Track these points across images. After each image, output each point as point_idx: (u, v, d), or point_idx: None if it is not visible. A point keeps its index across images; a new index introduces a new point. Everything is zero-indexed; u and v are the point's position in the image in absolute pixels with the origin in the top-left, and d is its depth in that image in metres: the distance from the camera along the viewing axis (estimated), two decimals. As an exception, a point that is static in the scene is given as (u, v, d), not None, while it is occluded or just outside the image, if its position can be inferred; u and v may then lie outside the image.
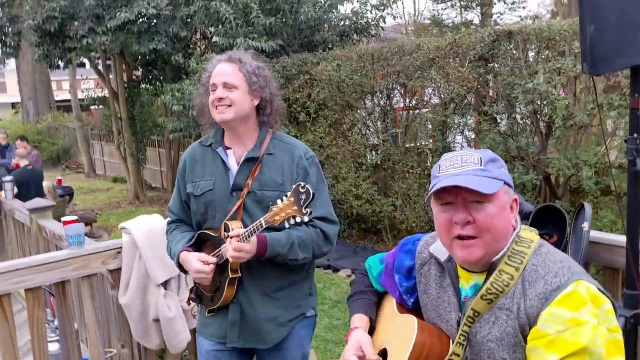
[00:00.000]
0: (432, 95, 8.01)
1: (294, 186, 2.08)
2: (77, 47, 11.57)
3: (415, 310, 1.82)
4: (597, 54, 2.07)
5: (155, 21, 11.51)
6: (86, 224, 10.37)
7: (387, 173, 8.21)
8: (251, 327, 2.43)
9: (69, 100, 21.16)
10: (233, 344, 2.46)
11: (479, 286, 1.58)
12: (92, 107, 20.13)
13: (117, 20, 10.37)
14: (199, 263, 2.33)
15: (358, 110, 8.73)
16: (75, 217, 3.45)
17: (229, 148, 2.46)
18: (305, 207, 2.03)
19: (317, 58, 8.91)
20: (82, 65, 29.28)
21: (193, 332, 3.43)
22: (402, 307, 1.86)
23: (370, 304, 1.97)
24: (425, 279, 1.77)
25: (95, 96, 16.32)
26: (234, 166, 2.43)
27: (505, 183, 1.56)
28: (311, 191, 2.04)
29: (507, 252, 1.54)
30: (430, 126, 7.76)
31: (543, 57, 6.15)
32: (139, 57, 12.63)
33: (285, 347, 2.49)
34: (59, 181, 11.93)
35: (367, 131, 8.82)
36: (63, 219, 3.26)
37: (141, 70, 14.54)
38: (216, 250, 2.37)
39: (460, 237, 1.54)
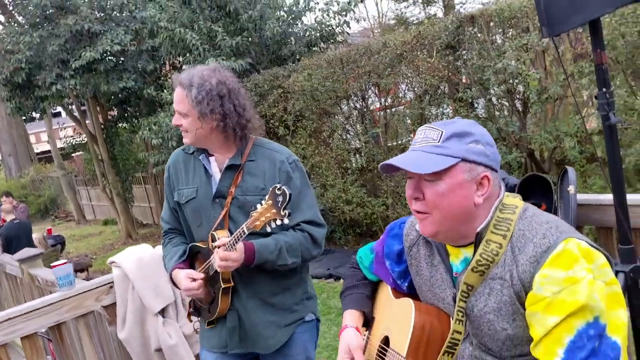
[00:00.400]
0: (406, 91, 8.03)
1: (270, 189, 2.07)
2: (47, 95, 11.53)
3: (411, 294, 1.79)
4: (552, 15, 2.06)
5: (122, 58, 11.51)
6: (82, 270, 10.27)
7: (374, 174, 8.21)
8: (250, 332, 2.41)
9: (49, 151, 21.10)
10: (235, 350, 2.43)
11: (468, 260, 1.55)
12: (73, 155, 20.06)
13: (82, 60, 10.34)
14: (187, 281, 2.32)
15: (336, 116, 8.74)
16: (64, 261, 3.41)
17: (212, 155, 2.45)
18: (283, 209, 2.02)
19: (287, 71, 8.93)
20: (58, 114, 29.19)
21: (197, 358, 3.39)
22: (398, 292, 1.84)
23: (362, 297, 1.95)
24: (416, 260, 1.74)
25: (75, 142, 16.25)
26: (216, 173, 2.42)
27: (466, 160, 1.49)
28: (287, 192, 2.01)
29: (492, 220, 1.51)
30: (409, 121, 7.77)
31: (508, 36, 6.19)
32: (112, 97, 12.63)
33: (288, 353, 2.46)
34: (49, 231, 11.84)
35: (348, 135, 8.83)
36: (52, 264, 3.22)
37: (116, 109, 14.52)
38: (206, 263, 2.36)
39: (416, 210, 1.56)
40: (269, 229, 2.09)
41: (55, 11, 10.95)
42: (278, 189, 2.04)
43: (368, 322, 1.92)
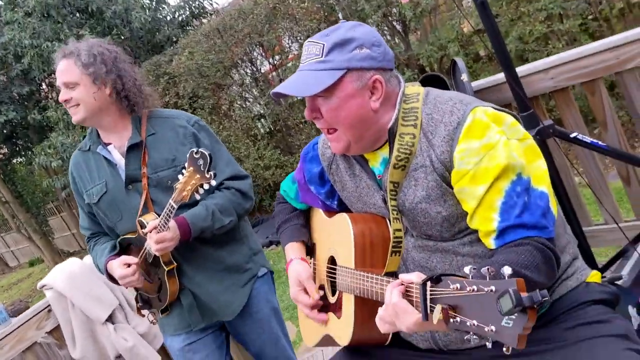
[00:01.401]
0: (291, 43, 8.00)
1: (187, 155, 2.00)
2: None
3: (343, 210, 1.80)
4: None
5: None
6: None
7: (284, 132, 8.21)
8: (209, 304, 2.35)
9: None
10: (199, 326, 2.37)
11: (387, 159, 1.57)
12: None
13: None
14: (122, 268, 2.22)
15: (230, 87, 8.62)
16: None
17: (109, 144, 2.31)
18: (208, 171, 1.96)
19: (167, 56, 8.70)
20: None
21: (162, 350, 3.34)
22: (331, 212, 1.85)
23: (297, 228, 1.95)
24: (338, 176, 1.75)
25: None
26: (120, 160, 2.28)
27: (352, 69, 1.47)
28: (206, 153, 1.96)
29: (399, 114, 1.52)
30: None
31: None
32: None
33: (253, 311, 2.43)
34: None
35: (247, 103, 8.75)
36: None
37: (5, 147, 13.73)
38: (142, 251, 2.26)
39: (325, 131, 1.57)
40: (197, 197, 2.03)
41: None
42: (196, 153, 1.97)
43: (310, 250, 1.94)
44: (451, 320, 1.10)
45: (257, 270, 2.46)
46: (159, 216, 2.14)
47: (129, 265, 2.22)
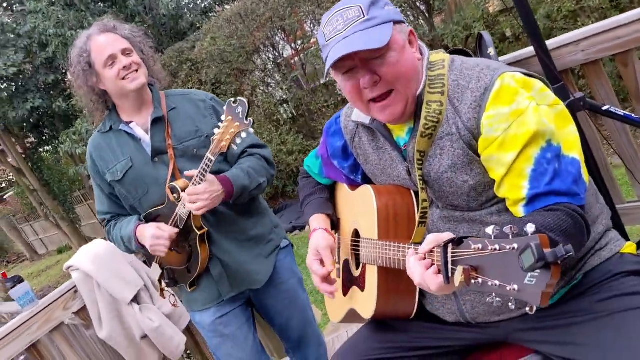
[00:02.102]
0: (313, 28, 7.94)
1: (224, 107, 2.00)
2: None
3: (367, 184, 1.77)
4: None
5: (21, 79, 10.96)
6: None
7: (307, 117, 8.17)
8: (238, 273, 2.36)
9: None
10: (229, 295, 2.38)
11: (412, 128, 1.53)
12: (5, 197, 19.30)
13: (-24, 90, 9.81)
14: (154, 229, 2.22)
15: (252, 73, 8.60)
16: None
17: (130, 122, 2.33)
18: (246, 118, 1.96)
19: (190, 43, 8.72)
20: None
21: (187, 331, 3.36)
22: (355, 186, 1.82)
23: (322, 201, 1.92)
24: (361, 149, 1.72)
25: (0, 181, 15.60)
26: (144, 135, 2.31)
27: (394, 22, 1.45)
28: (244, 100, 1.96)
29: (426, 81, 1.48)
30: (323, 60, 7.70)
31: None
32: (24, 124, 12.09)
33: (279, 282, 2.45)
34: (4, 275, 11.42)
35: (270, 88, 8.72)
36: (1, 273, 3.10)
37: (32, 136, 13.93)
38: (172, 218, 2.26)
39: (374, 100, 1.48)
40: (234, 147, 2.02)
41: None
42: (234, 102, 1.97)
43: (335, 225, 1.90)
44: (473, 281, 1.07)
45: (279, 241, 2.50)
46: (189, 182, 2.16)
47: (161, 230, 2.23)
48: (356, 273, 1.74)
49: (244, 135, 1.99)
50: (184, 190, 2.17)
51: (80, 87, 2.29)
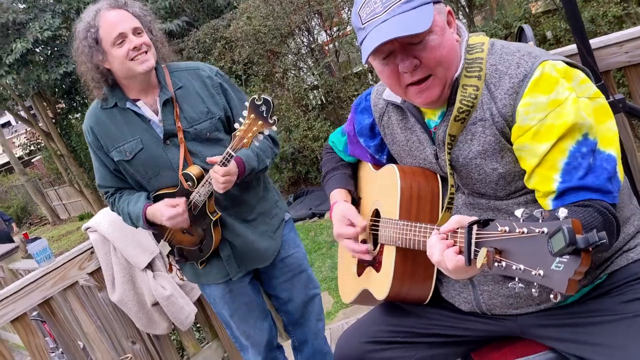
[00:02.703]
0: (349, 16, 7.87)
1: (247, 103, 1.97)
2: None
3: None
4: None
5: (57, 44, 11.07)
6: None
7: (335, 104, 8.13)
8: (246, 252, 2.37)
9: (8, 163, 20.51)
10: (237, 276, 2.39)
11: (444, 112, 1.48)
12: (33, 160, 19.58)
13: (14, 54, 9.91)
14: (170, 208, 2.20)
15: (285, 55, 8.58)
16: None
17: (137, 100, 2.25)
18: (271, 117, 1.94)
19: (226, 21, 8.72)
20: (7, 124, 28.38)
21: (198, 302, 3.36)
22: (378, 166, 1.78)
23: (344, 176, 1.88)
24: (389, 128, 1.67)
25: (30, 143, 15.85)
26: (153, 116, 2.24)
27: (434, 2, 1.37)
28: (269, 99, 1.93)
29: (464, 64, 1.42)
30: (357, 44, 7.63)
31: None
32: (56, 88, 12.21)
33: (285, 256, 2.47)
34: (25, 235, 11.63)
35: (301, 72, 8.69)
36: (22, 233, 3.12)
37: (63, 101, 14.09)
38: (188, 202, 2.24)
39: (412, 83, 1.42)
40: (256, 144, 2.02)
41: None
42: (257, 99, 1.94)
43: (355, 203, 1.86)
44: (495, 264, 1.03)
45: (283, 214, 2.51)
46: (202, 169, 2.18)
47: (174, 206, 2.21)
48: (373, 253, 1.71)
49: (267, 132, 1.98)
50: (198, 177, 2.18)
51: (83, 63, 2.17)
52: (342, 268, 1.95)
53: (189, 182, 2.20)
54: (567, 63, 1.38)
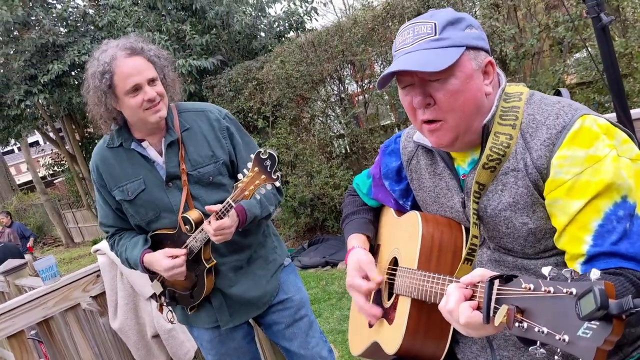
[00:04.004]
0: (382, 70, 7.93)
1: (252, 156, 1.95)
2: (19, 115, 11.27)
3: None
4: None
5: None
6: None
7: (359, 155, 8.10)
8: (239, 303, 2.32)
9: (31, 181, 20.74)
10: (228, 326, 2.34)
11: (476, 160, 1.41)
12: (55, 182, 19.77)
13: (50, 74, 10.12)
14: (169, 259, 2.17)
15: (314, 102, 8.62)
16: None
17: (142, 140, 2.24)
18: (275, 172, 1.93)
19: (260, 62, 8.82)
20: (36, 143, 28.91)
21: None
22: (401, 212, 1.71)
23: (365, 222, 1.81)
24: (417, 173, 1.60)
25: (53, 163, 16.02)
26: (157, 157, 2.24)
27: (470, 47, 1.34)
28: (274, 154, 1.92)
29: (497, 112, 1.37)
30: (386, 97, 7.67)
31: (478, -5, 6.12)
32: (86, 113, 12.40)
33: (285, 297, 2.41)
34: (30, 249, 11.66)
35: (328, 120, 8.71)
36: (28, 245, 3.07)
37: (91, 125, 14.30)
38: (184, 246, 2.22)
39: (425, 121, 1.38)
40: (257, 197, 2.00)
41: (18, 27, 10.74)
42: (263, 153, 1.93)
43: (373, 250, 1.79)
44: (516, 324, 0.94)
45: (282, 260, 2.46)
46: (202, 214, 2.16)
47: (175, 257, 2.18)
48: (387, 304, 1.62)
49: (269, 187, 1.97)
50: (197, 222, 2.16)
51: (94, 104, 2.15)
52: (354, 317, 1.86)
53: (187, 226, 2.17)
54: (609, 121, 1.31)
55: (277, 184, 1.96)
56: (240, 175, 1.98)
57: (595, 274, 0.86)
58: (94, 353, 3.08)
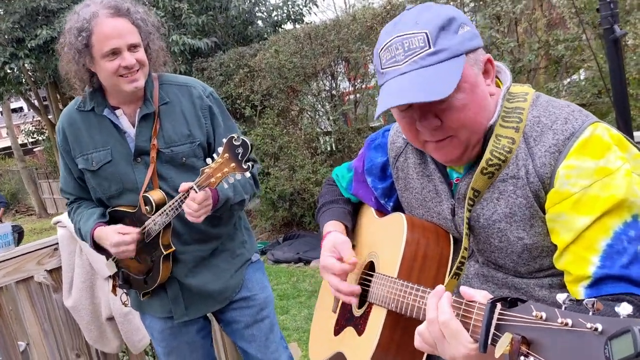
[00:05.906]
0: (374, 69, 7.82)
1: (224, 140, 1.77)
2: (1, 76, 10.98)
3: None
4: None
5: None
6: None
7: (344, 153, 7.98)
8: (197, 296, 2.17)
9: (10, 147, 20.35)
10: (182, 319, 2.19)
11: (472, 163, 1.27)
12: (35, 150, 19.43)
13: (38, 39, 9.85)
14: (118, 235, 2.01)
15: (304, 95, 8.48)
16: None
17: (117, 108, 2.07)
18: (246, 162, 1.74)
19: (253, 50, 8.68)
20: (19, 109, 28.41)
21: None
22: (382, 213, 1.57)
23: (344, 212, 1.66)
24: (404, 172, 1.46)
25: (33, 130, 15.72)
26: (129, 128, 2.07)
27: (469, 51, 1.18)
28: (248, 142, 1.74)
29: (500, 112, 1.23)
30: (377, 99, 7.55)
31: (481, 3, 6.01)
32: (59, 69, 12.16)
33: (247, 295, 2.27)
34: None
35: (317, 115, 8.58)
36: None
37: (64, 84, 14.04)
38: (141, 229, 2.05)
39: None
40: (225, 185, 1.82)
41: (9, -11, 10.48)
42: (236, 139, 1.75)
43: None
44: (522, 358, 0.79)
45: (249, 255, 2.31)
46: (165, 196, 1.99)
47: (125, 234, 2.02)
48: (357, 312, 1.47)
49: (238, 177, 1.78)
50: (158, 203, 1.98)
51: (67, 60, 1.99)
52: (318, 321, 1.71)
53: (146, 207, 2.00)
54: (621, 133, 1.18)
55: (247, 174, 1.77)
56: (209, 160, 1.81)
57: (626, 308, 0.73)
58: (42, 329, 2.91)
